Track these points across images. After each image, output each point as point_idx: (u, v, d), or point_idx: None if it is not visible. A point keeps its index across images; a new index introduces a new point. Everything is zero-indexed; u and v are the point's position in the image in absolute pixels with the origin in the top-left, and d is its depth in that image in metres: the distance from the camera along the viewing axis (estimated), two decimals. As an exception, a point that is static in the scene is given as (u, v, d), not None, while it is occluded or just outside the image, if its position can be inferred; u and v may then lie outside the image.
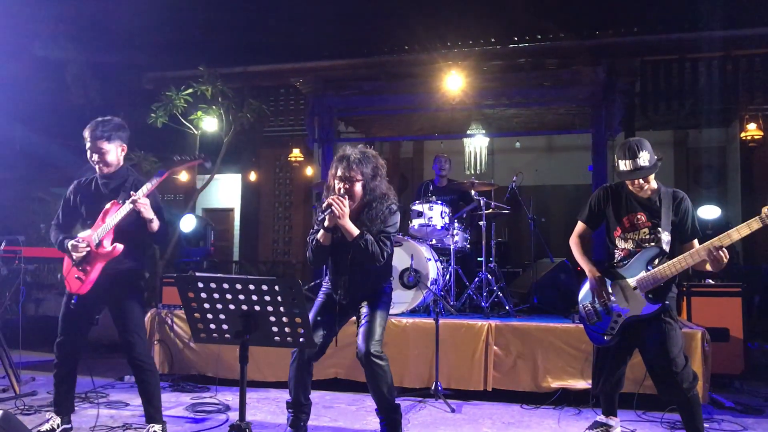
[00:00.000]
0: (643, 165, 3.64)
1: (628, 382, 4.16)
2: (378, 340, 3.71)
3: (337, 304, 3.82)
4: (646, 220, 3.71)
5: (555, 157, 11.63)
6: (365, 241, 3.60)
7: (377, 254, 3.63)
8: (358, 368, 5.31)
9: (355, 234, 3.61)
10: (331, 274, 3.88)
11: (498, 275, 6.35)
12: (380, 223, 3.72)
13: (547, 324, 5.25)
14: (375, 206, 3.74)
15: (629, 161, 3.65)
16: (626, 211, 3.76)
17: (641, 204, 3.74)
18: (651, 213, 3.72)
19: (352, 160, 3.66)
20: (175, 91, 7.65)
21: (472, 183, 6.52)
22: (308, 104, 8.40)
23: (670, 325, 3.60)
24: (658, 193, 3.74)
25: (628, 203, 3.77)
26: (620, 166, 3.70)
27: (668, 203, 3.69)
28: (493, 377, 5.17)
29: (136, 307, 3.92)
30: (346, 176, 3.65)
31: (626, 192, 3.80)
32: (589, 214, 3.93)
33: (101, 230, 3.82)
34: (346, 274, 3.77)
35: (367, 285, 3.81)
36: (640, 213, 3.73)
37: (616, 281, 3.74)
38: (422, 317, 5.55)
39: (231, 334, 2.95)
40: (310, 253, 3.79)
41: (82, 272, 3.82)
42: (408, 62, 8.02)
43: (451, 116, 8.93)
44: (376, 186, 3.75)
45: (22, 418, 3.50)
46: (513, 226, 9.72)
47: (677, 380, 3.53)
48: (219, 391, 5.40)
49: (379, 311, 3.76)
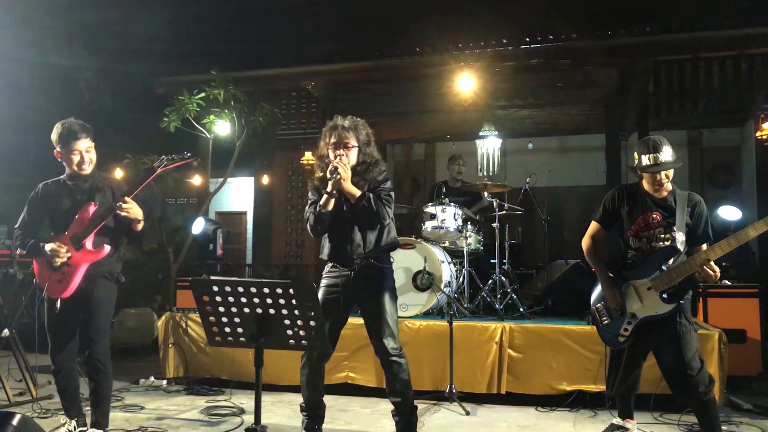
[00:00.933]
0: (665, 160, 3.62)
1: (644, 384, 4.13)
2: (394, 336, 3.71)
3: (340, 294, 3.76)
4: (661, 219, 3.68)
5: (568, 158, 11.56)
6: (369, 199, 3.65)
7: (382, 211, 3.68)
8: (371, 372, 5.35)
9: (358, 194, 3.66)
10: (333, 248, 3.81)
11: (512, 277, 6.33)
12: (377, 186, 3.77)
13: (562, 326, 5.22)
14: (370, 170, 3.80)
15: (651, 155, 3.63)
16: (641, 210, 3.74)
17: (656, 204, 3.72)
18: (666, 213, 3.69)
19: (347, 127, 3.75)
20: (188, 96, 7.68)
21: (485, 185, 6.50)
22: (320, 107, 8.41)
23: (685, 328, 3.56)
24: (673, 194, 3.73)
25: (643, 203, 3.75)
26: (642, 161, 3.67)
27: (683, 204, 3.66)
28: (507, 380, 5.15)
29: (104, 307, 3.85)
30: (344, 143, 3.72)
31: (642, 191, 3.78)
32: (603, 213, 3.90)
33: (82, 232, 3.74)
34: (349, 243, 3.74)
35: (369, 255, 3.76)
36: (656, 213, 3.70)
37: (630, 281, 3.71)
38: (436, 319, 5.53)
39: (246, 337, 2.95)
40: (312, 221, 3.75)
41: (62, 275, 3.72)
42: (420, 64, 8.01)
43: (463, 118, 8.91)
44: (370, 152, 3.83)
45: (39, 422, 3.51)
46: (526, 227, 9.66)
47: (693, 384, 3.49)
48: (233, 394, 5.41)
49: (387, 303, 3.73)
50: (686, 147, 11.24)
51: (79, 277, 3.74)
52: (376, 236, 3.79)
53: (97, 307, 3.80)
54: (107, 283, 3.87)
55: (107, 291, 3.87)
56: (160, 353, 5.99)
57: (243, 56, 8.74)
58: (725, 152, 11.18)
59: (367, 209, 3.65)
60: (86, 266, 3.75)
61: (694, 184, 10.90)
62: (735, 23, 7.19)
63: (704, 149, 11.39)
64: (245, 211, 13.31)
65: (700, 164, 11.36)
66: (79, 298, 3.77)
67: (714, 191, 11.00)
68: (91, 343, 3.78)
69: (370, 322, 3.75)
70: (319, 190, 3.78)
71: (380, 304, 3.70)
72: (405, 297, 5.73)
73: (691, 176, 11.12)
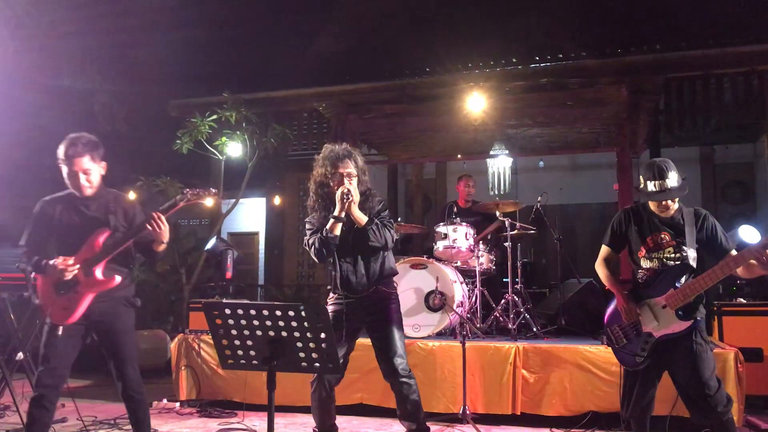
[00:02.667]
0: (672, 186, 3.60)
1: (659, 404, 4.07)
2: (402, 356, 3.69)
3: (345, 320, 3.76)
4: (671, 239, 3.66)
5: (579, 176, 11.55)
6: (376, 225, 3.72)
7: (387, 237, 3.75)
8: (383, 393, 5.30)
9: (365, 220, 3.72)
10: (339, 275, 3.81)
11: (524, 297, 6.29)
12: (377, 215, 3.83)
13: (576, 346, 5.18)
14: (369, 200, 3.86)
15: (657, 182, 3.61)
16: (649, 231, 3.72)
17: (664, 223, 3.69)
18: (675, 232, 3.67)
19: (346, 155, 3.81)
20: (200, 118, 7.75)
21: (497, 204, 6.49)
22: (331, 128, 8.45)
23: (702, 347, 3.52)
24: (680, 212, 3.70)
25: (650, 223, 3.73)
26: (648, 187, 3.66)
27: (691, 221, 3.64)
28: (521, 401, 5.10)
29: (129, 336, 3.75)
30: (347, 171, 3.77)
31: (648, 212, 3.76)
32: (611, 236, 3.89)
33: (92, 259, 3.57)
34: (354, 270, 3.77)
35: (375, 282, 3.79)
36: (664, 233, 3.68)
37: (644, 301, 3.68)
38: (449, 340, 5.51)
39: (258, 360, 2.94)
40: (318, 245, 3.73)
41: (67, 302, 3.55)
42: (430, 84, 8.05)
43: (474, 137, 8.92)
44: (366, 180, 3.89)
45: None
46: (538, 246, 9.64)
47: (711, 404, 3.44)
48: (246, 416, 5.39)
49: (394, 324, 3.75)
50: (698, 163, 11.21)
51: (85, 305, 3.57)
52: (381, 262, 3.83)
53: (123, 337, 3.71)
54: (127, 310, 3.75)
55: (129, 319, 3.77)
56: (173, 375, 5.99)
57: (254, 78, 8.82)
58: (738, 168, 11.14)
59: (373, 234, 3.70)
60: (93, 294, 3.58)
61: (707, 200, 10.85)
62: (745, 40, 7.18)
63: (717, 165, 11.34)
64: (257, 232, 13.36)
65: (713, 181, 11.31)
66: (85, 322, 3.64)
67: (728, 208, 10.95)
68: (124, 378, 3.68)
69: (378, 345, 3.76)
70: (320, 221, 3.79)
71: (388, 326, 3.72)
72: (417, 317, 5.71)
73: (704, 193, 11.07)
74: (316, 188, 3.88)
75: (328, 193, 3.79)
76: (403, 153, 10.37)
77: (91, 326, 3.69)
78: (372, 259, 3.80)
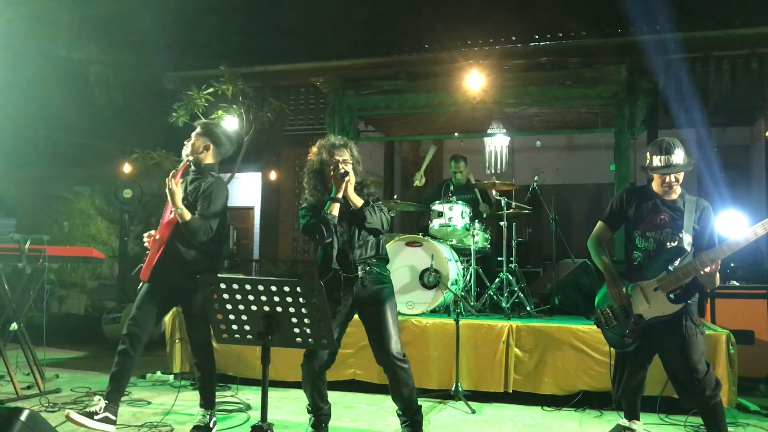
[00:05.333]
0: (677, 162, 3.63)
1: (650, 385, 4.12)
2: (396, 341, 3.71)
3: (341, 302, 3.77)
4: (669, 220, 3.68)
5: (576, 156, 11.52)
6: (372, 207, 3.78)
7: (383, 219, 3.83)
8: (376, 369, 5.30)
9: (362, 202, 3.79)
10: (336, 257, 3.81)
11: (519, 276, 6.32)
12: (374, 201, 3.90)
13: (569, 325, 5.22)
14: (364, 190, 3.92)
15: (663, 157, 3.65)
16: (650, 211, 3.74)
17: (665, 205, 3.72)
18: (675, 214, 3.69)
19: (342, 144, 3.88)
20: (196, 91, 7.69)
21: (493, 183, 6.48)
22: (328, 103, 8.39)
23: (691, 330, 3.55)
24: (683, 197, 3.73)
25: (653, 204, 3.75)
26: (654, 162, 3.69)
27: (692, 208, 3.67)
28: (513, 379, 5.15)
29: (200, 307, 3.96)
30: (343, 159, 3.82)
31: (650, 193, 3.78)
32: (609, 214, 3.91)
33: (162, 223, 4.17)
34: (350, 252, 3.79)
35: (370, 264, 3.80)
36: (664, 214, 3.70)
37: (636, 282, 3.70)
38: (442, 317, 5.54)
39: (253, 335, 2.96)
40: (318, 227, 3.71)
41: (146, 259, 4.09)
42: (428, 61, 7.98)
43: (472, 115, 8.87)
44: (360, 171, 3.95)
45: (46, 416, 3.52)
46: (533, 225, 9.65)
47: (699, 388, 3.48)
48: (240, 390, 5.43)
49: (388, 309, 3.75)
50: (695, 146, 11.19)
51: (150, 265, 4.03)
52: (375, 243, 3.86)
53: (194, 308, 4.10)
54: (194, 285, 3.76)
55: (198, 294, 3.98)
56: (167, 348, 6.01)
57: (251, 52, 8.73)
58: (734, 151, 11.13)
59: (371, 215, 3.74)
60: (155, 257, 4.01)
61: (703, 182, 10.86)
62: (746, 22, 7.14)
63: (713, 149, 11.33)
64: (252, 207, 13.33)
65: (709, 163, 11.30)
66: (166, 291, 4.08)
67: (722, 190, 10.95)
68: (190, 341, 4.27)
69: (371, 329, 3.77)
70: (315, 205, 3.80)
71: (382, 312, 3.72)
72: (411, 295, 5.73)
73: (700, 175, 11.07)
74: (313, 174, 3.91)
75: (323, 180, 3.84)
76: (401, 130, 10.32)
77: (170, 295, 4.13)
78: (367, 240, 3.83)
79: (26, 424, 2.31)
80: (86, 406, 4.08)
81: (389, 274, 3.93)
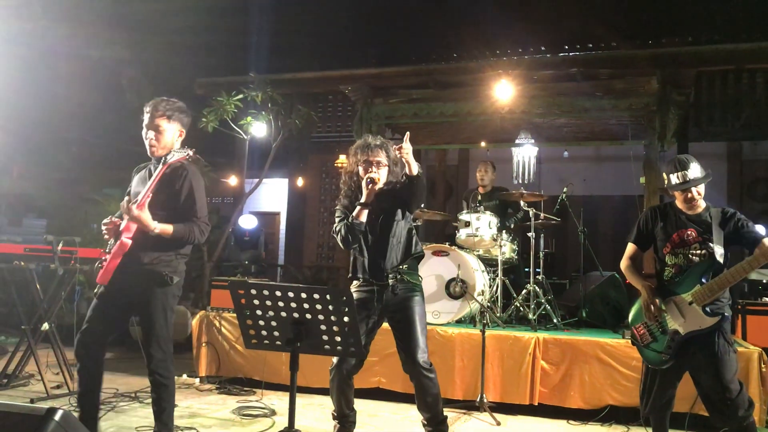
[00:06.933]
0: (694, 176, 3.61)
1: (679, 401, 4.05)
2: (424, 351, 3.70)
3: (371, 309, 3.75)
4: (697, 235, 3.64)
5: (603, 167, 11.42)
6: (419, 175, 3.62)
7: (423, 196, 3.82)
8: (401, 378, 5.32)
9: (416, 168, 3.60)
10: (366, 262, 3.81)
11: (546, 287, 6.27)
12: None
13: (596, 338, 5.16)
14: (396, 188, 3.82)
15: (680, 173, 3.63)
16: (675, 227, 3.70)
17: (691, 220, 3.69)
18: (701, 228, 3.65)
19: (378, 145, 3.80)
20: (226, 97, 7.76)
21: (521, 193, 6.45)
22: (356, 111, 8.42)
23: (724, 348, 3.48)
24: (707, 210, 3.70)
25: (677, 220, 3.72)
26: (671, 180, 3.68)
27: (718, 219, 3.64)
28: (539, 392, 5.10)
29: (161, 314, 3.51)
30: (376, 160, 3.76)
31: (675, 210, 3.76)
32: (637, 234, 3.87)
33: (125, 221, 3.48)
34: (381, 257, 3.77)
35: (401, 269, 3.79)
36: (690, 229, 3.66)
37: (670, 298, 3.65)
38: (468, 328, 5.51)
39: (282, 341, 2.97)
40: (344, 232, 3.72)
41: (104, 261, 3.45)
42: (457, 70, 7.98)
43: (500, 125, 8.84)
44: (398, 172, 3.84)
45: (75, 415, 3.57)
46: (559, 236, 9.58)
47: (732, 407, 3.41)
48: (265, 395, 5.45)
49: (417, 317, 3.74)
50: (726, 159, 11.04)
51: (112, 265, 3.41)
52: (405, 247, 3.83)
53: (153, 314, 3.51)
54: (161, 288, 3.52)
55: (162, 297, 3.53)
56: (194, 351, 6.06)
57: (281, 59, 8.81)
58: (766, 165, 10.96)
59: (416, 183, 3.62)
60: (118, 258, 3.41)
61: (733, 197, 10.70)
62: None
63: (744, 162, 11.17)
64: (278, 212, 13.42)
65: (740, 177, 11.14)
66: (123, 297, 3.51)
67: (753, 204, 10.79)
68: (148, 355, 3.51)
69: (400, 337, 3.75)
70: (349, 208, 3.79)
71: (411, 320, 3.71)
72: (437, 304, 5.72)
73: (730, 189, 10.92)
74: (347, 177, 3.91)
75: (357, 182, 3.81)
76: (427, 139, 10.30)
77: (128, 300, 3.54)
78: (399, 244, 3.81)
79: (60, 424, 2.33)
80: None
81: (420, 282, 3.89)
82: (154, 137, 3.61)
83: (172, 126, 3.67)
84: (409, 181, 3.63)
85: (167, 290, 3.55)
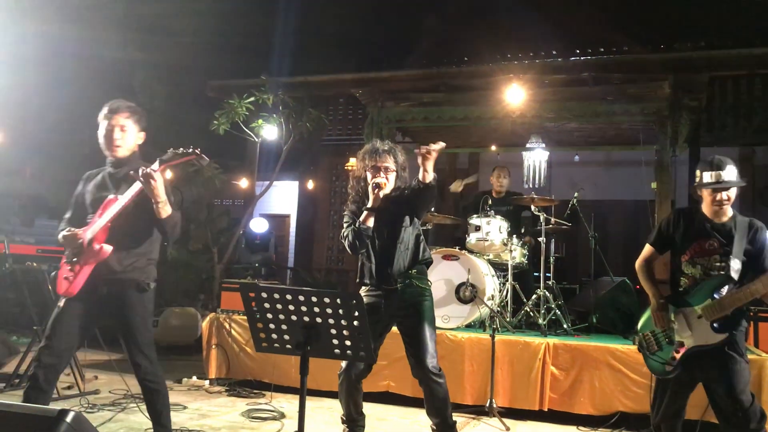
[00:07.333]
0: (729, 178, 3.52)
1: (690, 409, 4.01)
2: (433, 355, 3.69)
3: (380, 314, 3.75)
4: (718, 246, 3.55)
5: (614, 172, 11.36)
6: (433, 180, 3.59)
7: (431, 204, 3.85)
8: (410, 382, 5.31)
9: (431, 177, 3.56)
10: (374, 267, 3.81)
11: (556, 292, 6.25)
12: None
13: (607, 344, 5.14)
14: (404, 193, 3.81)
15: (714, 173, 3.53)
16: (698, 235, 3.61)
17: (715, 229, 3.58)
18: (724, 239, 3.55)
19: (387, 150, 3.79)
20: (238, 100, 7.79)
21: (532, 198, 6.43)
22: (367, 114, 8.43)
23: (734, 359, 3.42)
24: (734, 219, 3.59)
25: (700, 227, 3.62)
26: (704, 178, 3.57)
27: (743, 231, 3.53)
28: (549, 397, 5.08)
29: (141, 322, 3.45)
30: (384, 166, 3.75)
31: (700, 216, 3.65)
32: (657, 237, 3.79)
33: (95, 226, 3.36)
34: (388, 262, 3.77)
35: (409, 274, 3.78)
36: (713, 239, 3.57)
37: (679, 308, 3.61)
38: (478, 332, 5.50)
39: (292, 344, 2.96)
40: (351, 237, 3.72)
41: (71, 272, 3.33)
42: (468, 74, 7.97)
43: (511, 129, 8.83)
44: (405, 177, 3.85)
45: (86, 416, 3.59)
46: (569, 241, 9.54)
47: (744, 420, 3.36)
48: (274, 397, 5.45)
49: (426, 322, 3.73)
50: (738, 164, 10.94)
51: (83, 276, 3.32)
52: (412, 253, 3.82)
53: (133, 323, 3.44)
54: (139, 295, 3.45)
55: (140, 304, 3.47)
56: (204, 353, 6.08)
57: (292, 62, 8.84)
58: (779, 170, 10.88)
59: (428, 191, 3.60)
60: (92, 266, 3.33)
61: (745, 202, 10.62)
62: (795, 40, 7.00)
63: (756, 167, 11.08)
64: (288, 215, 13.44)
65: (752, 182, 11.05)
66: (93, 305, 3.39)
67: (765, 211, 10.70)
68: (135, 365, 3.44)
69: (409, 341, 3.75)
70: (357, 213, 3.79)
71: (420, 325, 3.70)
72: (447, 309, 5.72)
73: (742, 194, 10.80)
74: (355, 182, 3.91)
75: (365, 187, 3.80)
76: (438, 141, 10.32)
77: (100, 309, 3.43)
78: (406, 250, 3.80)
79: (72, 425, 2.33)
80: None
81: (429, 286, 3.89)
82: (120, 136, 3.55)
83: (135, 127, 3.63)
84: (421, 187, 3.61)
85: (144, 297, 3.49)
